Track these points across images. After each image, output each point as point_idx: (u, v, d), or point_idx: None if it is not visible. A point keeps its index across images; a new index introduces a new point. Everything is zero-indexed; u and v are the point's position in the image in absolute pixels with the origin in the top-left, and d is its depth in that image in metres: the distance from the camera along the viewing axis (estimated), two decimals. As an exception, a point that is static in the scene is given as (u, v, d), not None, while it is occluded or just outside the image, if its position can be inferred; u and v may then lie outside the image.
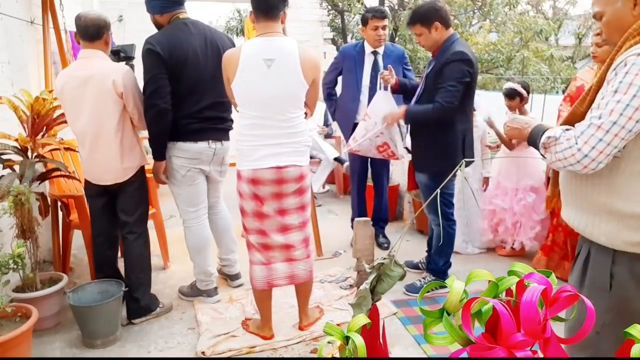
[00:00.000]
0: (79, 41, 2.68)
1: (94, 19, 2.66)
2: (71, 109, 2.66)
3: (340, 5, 8.33)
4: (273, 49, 2.31)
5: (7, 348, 2.12)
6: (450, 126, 2.89)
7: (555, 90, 8.41)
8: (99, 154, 2.66)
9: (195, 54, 2.70)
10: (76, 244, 3.47)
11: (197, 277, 3.04)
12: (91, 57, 2.65)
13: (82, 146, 2.71)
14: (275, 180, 2.39)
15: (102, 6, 6.04)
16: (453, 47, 2.82)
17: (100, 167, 2.70)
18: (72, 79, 2.60)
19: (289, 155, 2.39)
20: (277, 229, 2.49)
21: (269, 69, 2.29)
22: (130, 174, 2.73)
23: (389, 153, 3.35)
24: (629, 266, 1.37)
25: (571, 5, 13.00)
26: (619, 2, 1.35)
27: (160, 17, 2.76)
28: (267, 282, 2.55)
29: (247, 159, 2.39)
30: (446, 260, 3.19)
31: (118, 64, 2.82)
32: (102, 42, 2.69)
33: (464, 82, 2.78)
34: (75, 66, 2.68)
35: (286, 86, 2.34)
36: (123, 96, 2.61)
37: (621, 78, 1.28)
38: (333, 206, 5.18)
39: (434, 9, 2.85)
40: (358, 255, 3.22)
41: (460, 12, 8.70)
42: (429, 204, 2.94)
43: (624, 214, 1.33)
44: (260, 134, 2.37)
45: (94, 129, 2.62)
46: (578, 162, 1.32)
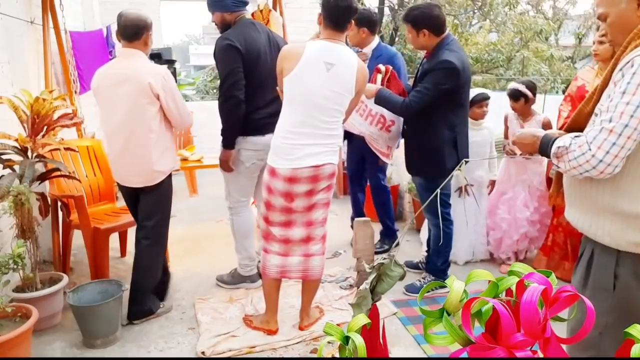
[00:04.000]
0: (119, 39, 2.71)
1: (133, 19, 2.65)
2: (105, 107, 2.69)
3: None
4: (335, 55, 2.39)
5: (7, 348, 2.12)
6: (438, 132, 2.89)
7: (555, 90, 8.40)
8: (130, 155, 2.67)
9: (265, 52, 2.89)
10: (76, 244, 3.47)
11: (241, 263, 3.16)
12: (129, 57, 2.66)
13: (113, 146, 2.73)
14: (311, 177, 2.44)
15: (102, 6, 6.05)
16: (443, 53, 2.79)
17: (130, 169, 2.71)
18: (108, 77, 2.63)
19: (326, 155, 2.46)
20: (302, 223, 2.54)
21: (328, 72, 2.37)
22: (160, 178, 2.72)
23: (386, 126, 3.21)
24: (633, 267, 1.36)
25: (571, 5, 12.99)
26: (623, 2, 1.34)
27: (229, 16, 2.92)
28: (280, 271, 2.58)
29: (286, 158, 2.42)
30: (445, 260, 3.19)
31: (156, 66, 2.85)
32: (142, 42, 2.69)
33: (440, 89, 2.77)
34: (113, 64, 2.72)
35: (338, 91, 2.41)
36: (160, 98, 2.61)
37: (629, 79, 1.27)
38: (333, 206, 5.12)
39: (427, 15, 2.82)
40: (358, 255, 3.22)
41: (460, 12, 8.70)
42: (426, 204, 2.93)
43: (629, 215, 1.33)
44: (305, 132, 2.41)
45: (127, 129, 2.64)
46: (594, 167, 1.31)
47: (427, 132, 2.92)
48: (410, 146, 3.10)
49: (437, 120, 2.88)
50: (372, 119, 3.17)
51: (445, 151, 2.91)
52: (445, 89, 2.77)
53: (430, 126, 2.89)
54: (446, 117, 2.88)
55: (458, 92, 2.84)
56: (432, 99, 2.79)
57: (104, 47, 5.04)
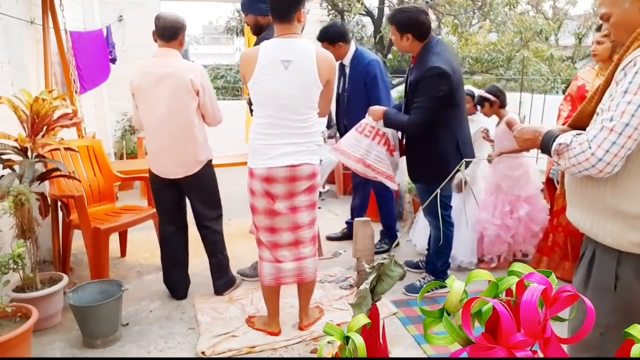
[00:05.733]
0: (156, 39, 2.85)
1: (172, 20, 2.82)
2: (148, 104, 2.81)
3: (340, 5, 8.33)
4: (290, 51, 2.35)
5: (7, 348, 2.12)
6: (438, 138, 2.86)
7: (555, 90, 8.38)
8: (176, 147, 2.83)
9: None
10: (76, 244, 3.47)
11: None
12: (168, 56, 2.82)
13: (156, 140, 2.87)
14: (288, 178, 2.42)
15: (102, 6, 6.04)
16: (429, 59, 2.75)
17: (175, 160, 2.87)
18: (149, 76, 2.77)
19: (303, 154, 2.43)
20: (287, 227, 2.52)
21: (287, 70, 2.33)
22: (199, 167, 2.92)
23: (390, 149, 3.10)
24: (635, 267, 1.36)
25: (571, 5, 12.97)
26: (627, 3, 1.34)
27: (262, 19, 3.03)
28: (275, 278, 2.58)
29: (261, 158, 2.42)
30: (445, 261, 3.19)
31: (194, 63, 2.99)
32: (178, 42, 2.86)
33: (438, 97, 2.73)
34: (151, 63, 2.83)
35: (302, 87, 2.37)
36: (199, 94, 2.79)
37: (631, 78, 1.27)
38: (333, 206, 5.18)
39: (413, 21, 2.76)
40: (358, 255, 3.22)
41: (460, 12, 8.69)
42: (427, 206, 2.93)
43: (630, 215, 1.33)
44: (275, 133, 2.40)
45: (172, 123, 2.79)
46: (593, 166, 1.30)
47: (428, 138, 2.87)
48: (412, 154, 3.04)
49: (436, 126, 2.83)
50: (380, 139, 3.03)
51: (449, 156, 2.87)
52: (441, 96, 2.73)
53: (431, 132, 2.84)
54: (445, 121, 2.84)
55: (452, 95, 2.80)
56: (434, 110, 2.76)
57: (104, 47, 5.04)
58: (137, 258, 3.75)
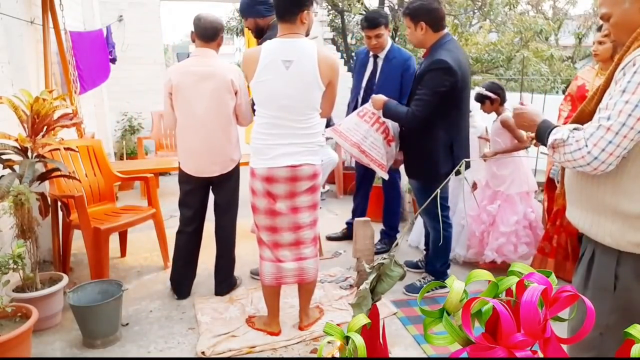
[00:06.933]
0: (194, 40, 2.91)
1: (213, 21, 2.88)
2: (188, 102, 2.83)
3: (340, 5, 8.32)
4: (292, 51, 2.34)
5: (7, 348, 2.12)
6: (432, 135, 2.86)
7: (555, 90, 8.38)
8: (212, 146, 2.87)
9: None
10: (76, 244, 3.47)
11: None
12: (207, 56, 2.86)
13: (193, 138, 2.87)
14: (289, 178, 2.42)
15: (102, 6, 6.04)
16: (438, 52, 2.75)
17: (211, 159, 2.90)
18: (189, 75, 2.80)
19: (303, 155, 2.43)
20: (288, 227, 2.52)
21: (287, 70, 2.33)
22: (232, 166, 2.98)
23: (388, 139, 3.09)
24: (634, 267, 1.36)
25: (571, 5, 12.97)
26: (627, 3, 1.34)
27: (262, 21, 3.04)
28: (275, 278, 2.58)
29: (262, 157, 2.43)
30: (444, 262, 3.19)
31: (231, 64, 3.04)
32: (216, 43, 2.92)
33: (439, 91, 2.72)
34: (190, 63, 2.87)
35: (303, 88, 2.37)
36: (237, 94, 2.86)
37: (629, 78, 1.27)
38: (333, 206, 5.18)
39: (426, 8, 2.78)
40: (358, 255, 3.22)
41: (460, 12, 8.69)
42: (424, 207, 2.92)
43: (630, 215, 1.33)
44: (276, 133, 2.40)
45: (211, 122, 2.83)
46: (588, 164, 1.31)
47: (423, 133, 2.88)
48: (408, 148, 3.07)
49: (434, 124, 2.83)
50: (379, 126, 3.03)
51: (440, 155, 2.86)
52: (443, 90, 2.72)
53: (426, 128, 2.85)
54: (443, 121, 2.84)
55: (454, 93, 2.78)
56: (434, 103, 2.75)
57: (103, 47, 5.04)
58: (137, 258, 3.75)
